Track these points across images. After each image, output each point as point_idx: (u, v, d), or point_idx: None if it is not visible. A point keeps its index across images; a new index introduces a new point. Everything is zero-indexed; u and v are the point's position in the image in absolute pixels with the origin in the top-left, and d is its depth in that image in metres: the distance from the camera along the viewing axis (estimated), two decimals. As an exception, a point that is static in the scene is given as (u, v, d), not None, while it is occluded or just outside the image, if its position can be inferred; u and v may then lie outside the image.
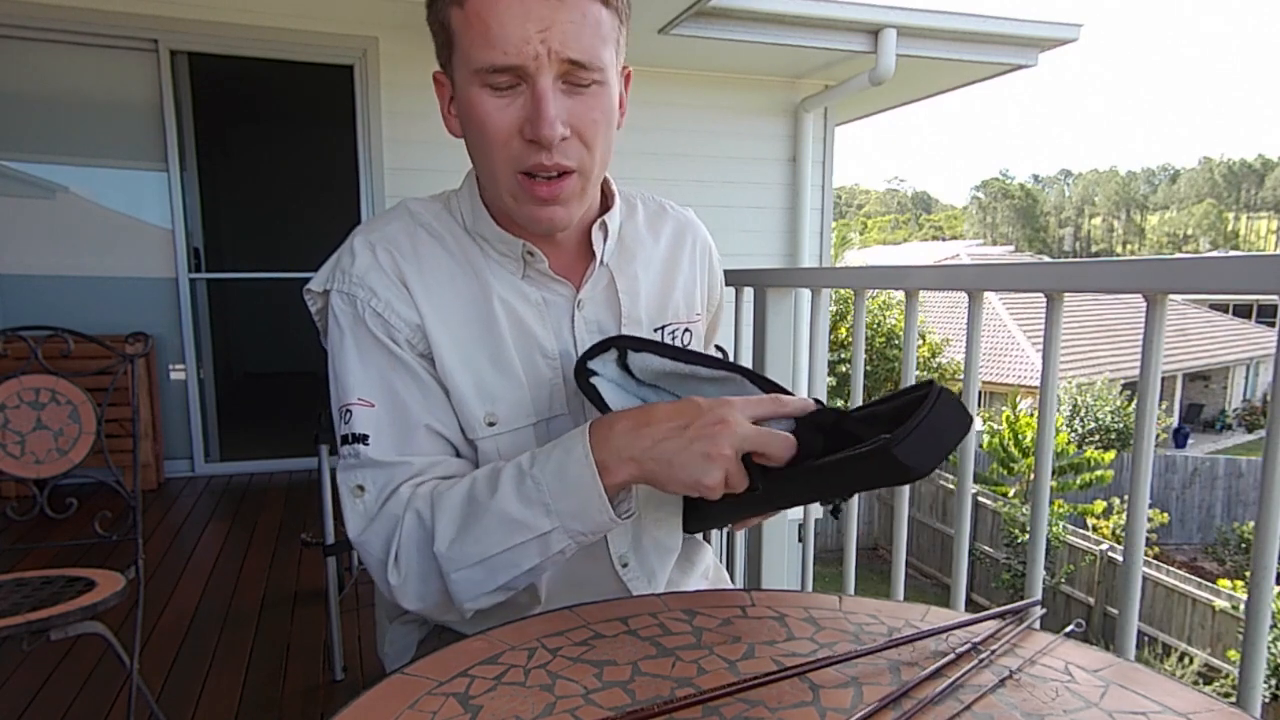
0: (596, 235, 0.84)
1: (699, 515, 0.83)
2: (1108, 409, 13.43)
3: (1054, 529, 9.53)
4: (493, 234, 0.81)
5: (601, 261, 0.84)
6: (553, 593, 0.85)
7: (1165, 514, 11.84)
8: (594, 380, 0.77)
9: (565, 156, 0.72)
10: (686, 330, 0.90)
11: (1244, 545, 12.02)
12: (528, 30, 0.67)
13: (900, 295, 9.72)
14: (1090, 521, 10.90)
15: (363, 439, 0.76)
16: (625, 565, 0.87)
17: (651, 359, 0.78)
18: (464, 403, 0.79)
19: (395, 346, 0.77)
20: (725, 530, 0.82)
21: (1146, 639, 8.73)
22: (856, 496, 1.50)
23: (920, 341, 12.68)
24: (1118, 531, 10.42)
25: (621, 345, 0.78)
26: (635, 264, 0.87)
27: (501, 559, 0.70)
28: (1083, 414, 13.42)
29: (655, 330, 0.88)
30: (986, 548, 10.34)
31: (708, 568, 1.01)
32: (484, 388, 0.79)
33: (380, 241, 0.80)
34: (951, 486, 10.73)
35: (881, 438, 0.59)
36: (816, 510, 1.66)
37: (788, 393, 0.73)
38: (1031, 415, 11.13)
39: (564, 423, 0.83)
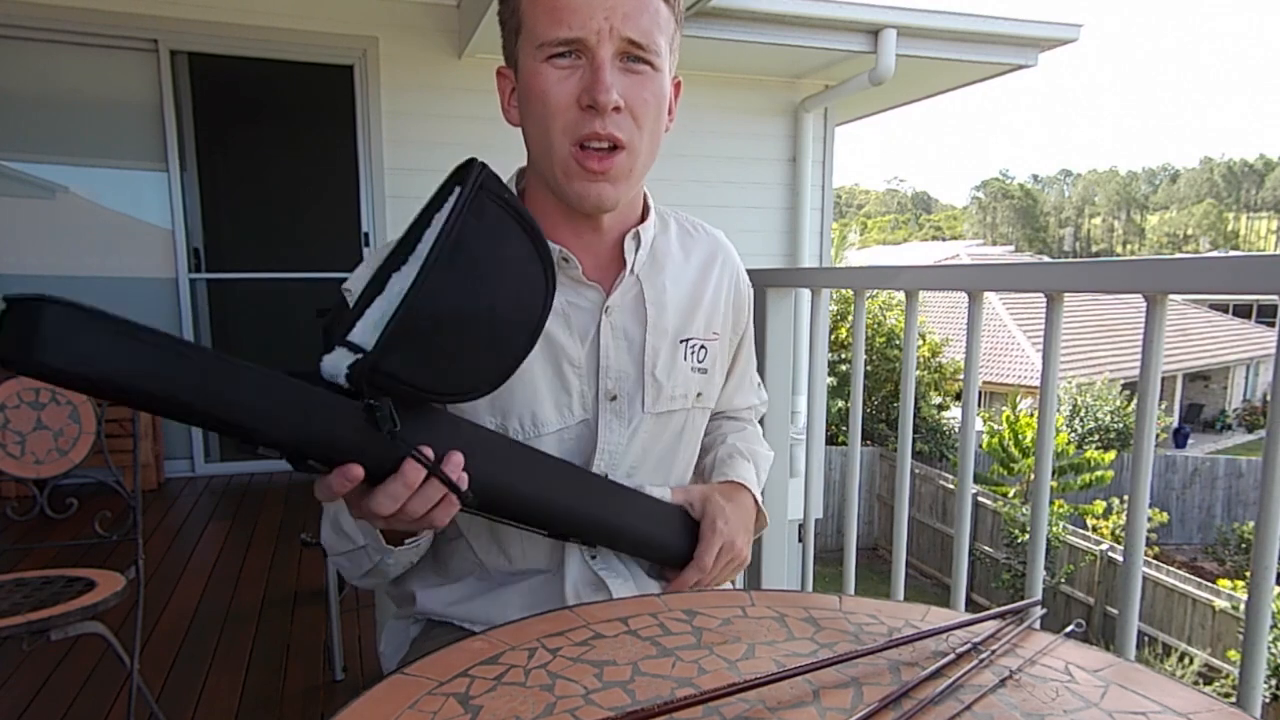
0: (629, 244, 0.86)
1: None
2: (1108, 409, 13.42)
3: (1054, 529, 9.52)
4: None
5: (632, 270, 0.86)
6: (525, 560, 0.87)
7: (1165, 514, 11.83)
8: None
9: (617, 128, 0.76)
10: (703, 347, 0.92)
11: (1244, 545, 12.02)
12: (592, 7, 0.72)
13: (900, 295, 9.73)
14: (1090, 521, 10.89)
15: None
16: (594, 557, 0.87)
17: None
18: (474, 414, 0.80)
19: None
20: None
21: (1146, 639, 8.73)
22: (856, 498, 1.50)
23: (920, 341, 12.68)
24: (1118, 531, 10.42)
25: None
26: (664, 276, 0.89)
27: (348, 558, 0.80)
28: (1083, 414, 13.41)
29: (680, 342, 0.89)
30: (986, 548, 10.34)
31: None
32: (495, 399, 0.80)
33: None
34: (951, 486, 10.73)
35: None
36: (817, 510, 1.66)
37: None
38: (1031, 415, 11.13)
39: (582, 429, 0.84)
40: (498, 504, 0.72)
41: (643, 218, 0.88)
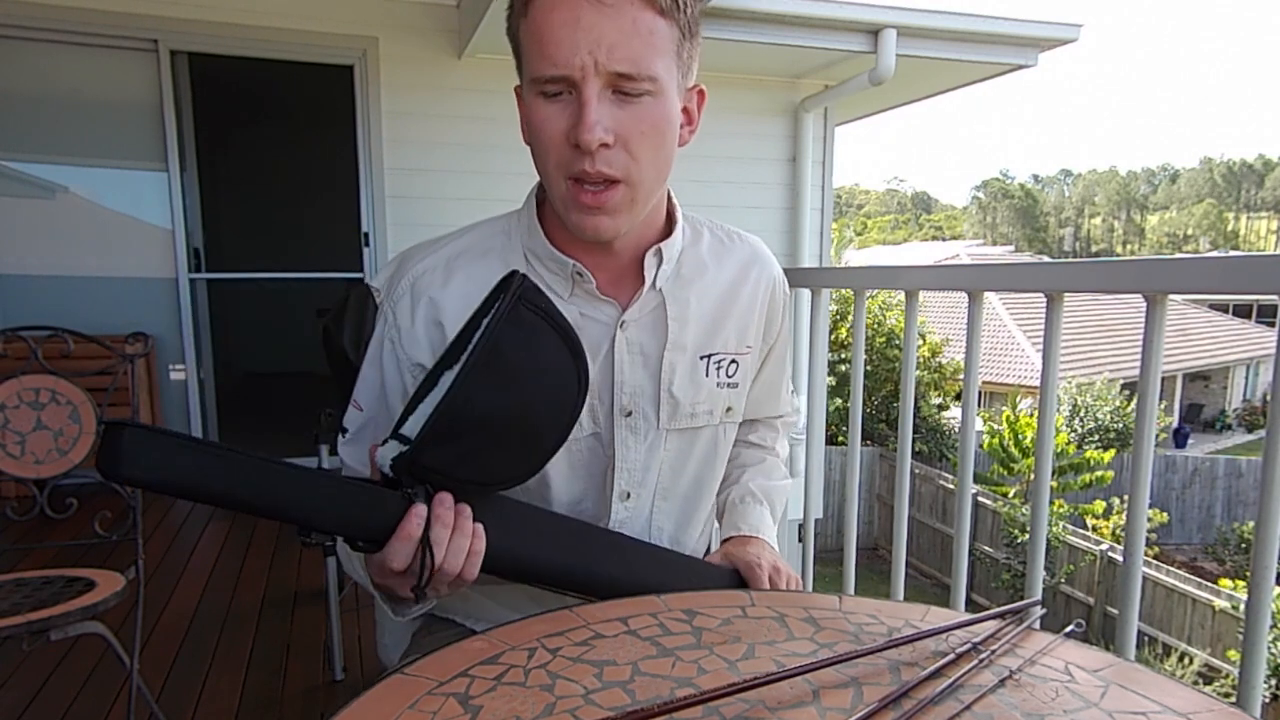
0: (650, 261, 0.83)
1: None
2: (1108, 409, 13.41)
3: (1054, 529, 9.52)
4: (545, 252, 0.82)
5: (653, 286, 0.84)
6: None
7: (1165, 514, 11.83)
8: None
9: (609, 165, 0.73)
10: (733, 362, 0.90)
11: (1244, 545, 12.01)
12: (576, 42, 0.69)
13: (900, 295, 9.74)
14: (1090, 521, 10.89)
15: (343, 431, 0.85)
16: None
17: None
18: None
19: (392, 372, 0.83)
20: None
21: (1146, 639, 8.73)
22: (856, 498, 1.50)
23: (920, 341, 12.67)
24: (1118, 531, 10.42)
25: None
26: (690, 290, 0.87)
27: (368, 587, 0.78)
28: (1083, 414, 13.41)
29: (701, 358, 0.88)
30: (986, 548, 10.34)
31: None
32: None
33: (424, 271, 0.83)
34: (951, 486, 10.73)
35: None
36: (816, 510, 1.66)
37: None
38: (1031, 415, 11.12)
39: (592, 443, 0.85)
40: (540, 574, 0.76)
41: (668, 231, 0.86)
